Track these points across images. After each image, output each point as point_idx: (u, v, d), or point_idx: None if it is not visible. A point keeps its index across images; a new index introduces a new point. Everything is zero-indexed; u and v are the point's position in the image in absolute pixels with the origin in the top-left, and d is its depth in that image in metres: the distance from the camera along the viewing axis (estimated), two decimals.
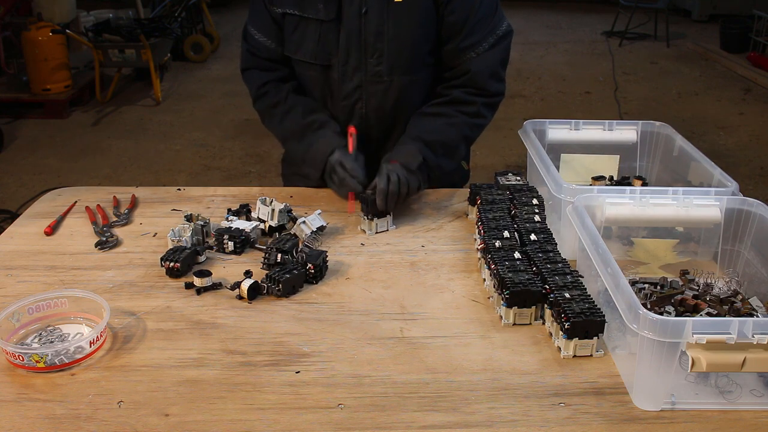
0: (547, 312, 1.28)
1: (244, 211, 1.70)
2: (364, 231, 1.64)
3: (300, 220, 1.59)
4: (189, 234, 1.56)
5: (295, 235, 1.55)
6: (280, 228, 1.62)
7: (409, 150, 1.70)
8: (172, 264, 1.45)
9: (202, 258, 1.51)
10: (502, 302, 1.31)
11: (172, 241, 1.54)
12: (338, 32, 1.68)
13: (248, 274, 1.44)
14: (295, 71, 1.83)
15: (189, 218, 1.62)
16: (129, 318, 1.33)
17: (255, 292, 1.38)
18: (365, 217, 1.63)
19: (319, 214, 1.62)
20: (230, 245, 1.54)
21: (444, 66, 1.78)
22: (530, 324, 1.32)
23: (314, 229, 1.58)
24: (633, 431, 1.07)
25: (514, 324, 1.31)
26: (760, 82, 6.53)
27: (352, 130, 1.69)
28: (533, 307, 1.31)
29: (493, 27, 1.72)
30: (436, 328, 1.31)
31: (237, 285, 1.40)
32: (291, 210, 1.65)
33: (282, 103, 1.80)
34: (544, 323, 1.31)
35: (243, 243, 1.55)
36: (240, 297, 1.38)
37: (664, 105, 6.05)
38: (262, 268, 1.47)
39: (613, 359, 1.22)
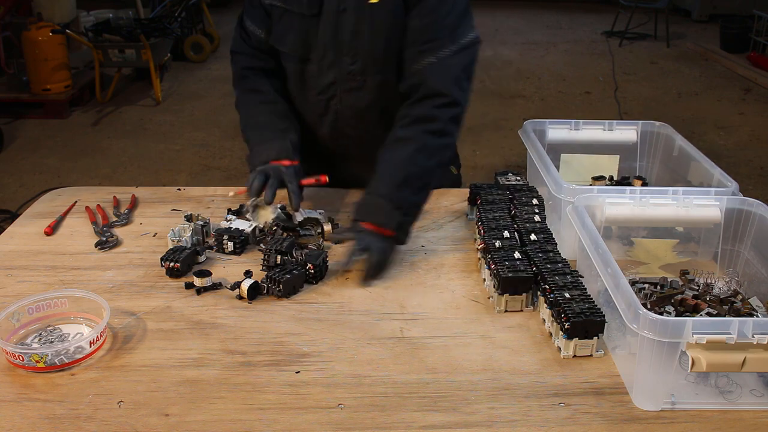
0: (547, 312, 1.28)
1: (243, 211, 1.70)
2: None
3: (279, 206, 1.61)
4: (189, 234, 1.56)
5: (290, 234, 1.55)
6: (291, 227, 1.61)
7: (381, 206, 1.51)
8: (172, 264, 1.45)
9: (202, 258, 1.51)
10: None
11: (172, 241, 1.55)
12: (318, 28, 1.68)
13: (248, 274, 1.44)
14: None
15: (189, 218, 1.62)
16: (129, 318, 1.33)
17: (255, 292, 1.38)
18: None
19: (320, 212, 1.64)
20: (230, 245, 1.54)
21: (404, 74, 1.67)
22: (521, 310, 1.35)
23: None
24: (633, 431, 1.08)
25: (506, 311, 1.35)
26: (760, 82, 6.53)
27: (323, 179, 1.65)
28: (524, 294, 1.35)
29: (457, 36, 1.63)
30: (436, 328, 1.31)
31: (237, 285, 1.40)
32: (285, 206, 1.64)
33: (262, 93, 1.79)
34: (536, 308, 1.33)
35: (243, 243, 1.55)
36: (240, 297, 1.38)
37: (664, 105, 6.05)
38: (262, 270, 1.47)
39: (613, 359, 1.22)
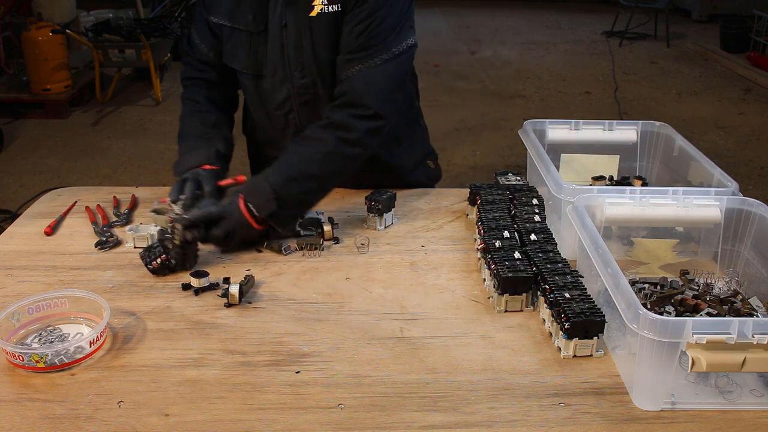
0: (547, 312, 1.28)
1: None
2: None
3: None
4: (156, 227, 1.56)
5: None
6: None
7: (264, 192, 1.53)
8: (160, 258, 1.44)
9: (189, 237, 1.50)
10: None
11: (135, 238, 1.55)
12: (267, 44, 1.68)
13: (227, 280, 1.43)
14: (227, 77, 1.82)
15: (159, 212, 1.62)
16: (129, 318, 1.33)
17: (241, 294, 1.38)
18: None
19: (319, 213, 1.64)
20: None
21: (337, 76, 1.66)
22: (521, 310, 1.35)
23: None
24: (633, 431, 1.08)
25: (506, 311, 1.35)
26: (760, 82, 6.54)
27: (241, 178, 1.66)
28: (524, 294, 1.35)
29: (391, 44, 1.60)
30: (436, 328, 1.31)
31: (226, 293, 1.38)
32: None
33: (196, 103, 1.81)
34: (536, 308, 1.33)
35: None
36: (229, 305, 1.37)
37: (664, 105, 6.05)
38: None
39: (613, 359, 1.22)
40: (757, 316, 1.29)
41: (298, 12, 1.61)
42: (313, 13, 1.60)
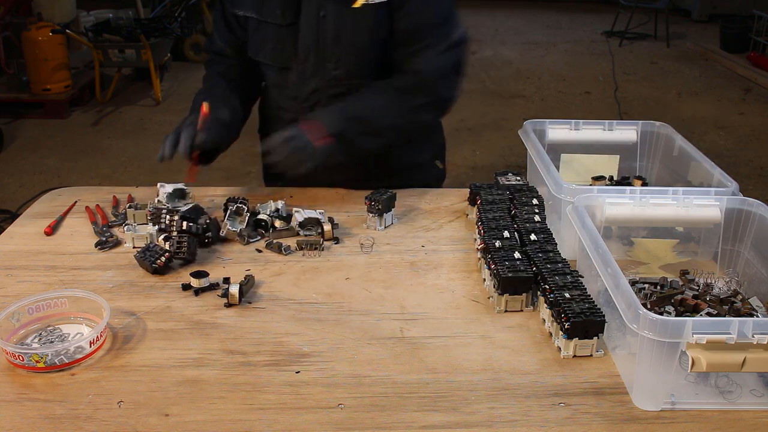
0: (547, 312, 1.28)
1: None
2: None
3: (295, 209, 1.65)
4: (153, 227, 1.57)
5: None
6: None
7: (327, 119, 1.63)
8: (163, 257, 1.44)
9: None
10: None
11: (135, 238, 1.56)
12: (296, 36, 1.69)
13: (227, 280, 1.43)
14: (248, 70, 1.85)
15: (136, 207, 1.65)
16: (129, 318, 1.33)
17: (241, 294, 1.38)
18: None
19: (321, 212, 1.64)
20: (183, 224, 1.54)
21: (395, 69, 1.74)
22: (521, 310, 1.35)
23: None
24: (633, 431, 1.08)
25: (506, 311, 1.35)
26: (760, 82, 6.54)
27: (203, 108, 1.65)
28: (524, 294, 1.35)
29: (446, 34, 1.67)
30: (436, 328, 1.31)
31: (226, 293, 1.38)
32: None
33: (209, 78, 1.85)
34: (536, 308, 1.33)
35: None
36: (229, 305, 1.36)
37: (664, 105, 6.05)
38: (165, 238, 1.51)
39: (613, 359, 1.22)
40: (757, 316, 1.29)
41: (338, 2, 1.63)
42: (357, 4, 1.62)
